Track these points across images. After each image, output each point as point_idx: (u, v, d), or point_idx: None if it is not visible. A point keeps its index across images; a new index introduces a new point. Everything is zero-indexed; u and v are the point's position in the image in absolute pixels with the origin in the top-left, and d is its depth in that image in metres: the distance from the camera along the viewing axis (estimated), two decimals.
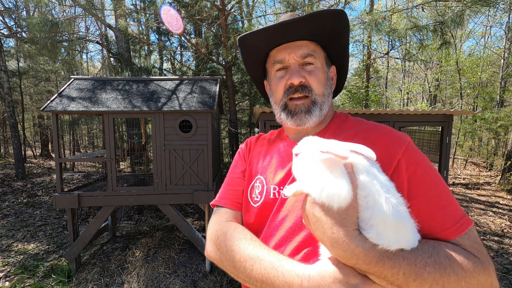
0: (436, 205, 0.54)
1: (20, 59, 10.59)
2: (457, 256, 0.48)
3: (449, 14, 3.93)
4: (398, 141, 0.61)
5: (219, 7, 4.93)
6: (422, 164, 0.59)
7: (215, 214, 0.78)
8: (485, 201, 6.59)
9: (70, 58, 7.50)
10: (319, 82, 0.68)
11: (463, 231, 0.52)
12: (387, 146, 0.60)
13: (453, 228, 0.52)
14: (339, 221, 0.47)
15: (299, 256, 0.61)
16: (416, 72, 15.35)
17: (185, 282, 3.41)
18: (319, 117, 0.69)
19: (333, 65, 0.77)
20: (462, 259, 0.48)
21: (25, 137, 10.73)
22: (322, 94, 0.69)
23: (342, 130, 0.69)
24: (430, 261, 0.47)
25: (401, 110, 3.29)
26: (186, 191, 3.52)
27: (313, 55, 0.69)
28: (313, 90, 0.68)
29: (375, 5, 10.46)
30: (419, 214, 0.52)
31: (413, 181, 0.56)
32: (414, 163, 0.58)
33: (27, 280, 3.43)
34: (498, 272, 3.63)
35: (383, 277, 0.46)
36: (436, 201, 0.55)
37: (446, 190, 0.56)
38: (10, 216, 5.50)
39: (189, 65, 8.44)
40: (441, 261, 0.47)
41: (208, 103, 3.54)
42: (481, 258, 0.50)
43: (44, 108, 3.31)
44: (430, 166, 0.59)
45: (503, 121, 8.42)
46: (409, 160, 0.59)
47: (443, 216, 0.53)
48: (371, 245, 0.46)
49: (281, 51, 0.70)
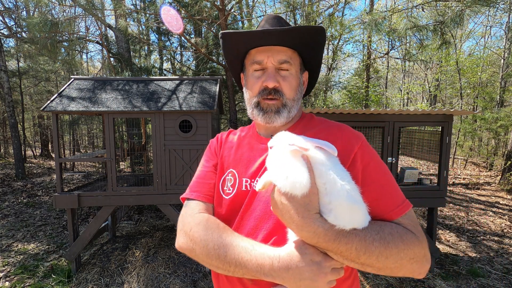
0: (384, 192, 0.65)
1: (20, 59, 10.59)
2: (398, 233, 0.58)
3: (449, 14, 3.93)
4: (355, 138, 0.71)
5: (219, 7, 4.93)
6: (374, 158, 0.69)
7: (186, 207, 0.81)
8: (485, 201, 6.59)
9: (70, 58, 7.49)
10: (291, 88, 0.75)
11: (404, 212, 0.63)
12: (346, 142, 0.70)
13: (396, 210, 0.63)
14: (303, 206, 0.54)
15: (269, 243, 0.66)
16: (416, 72, 15.35)
17: (185, 282, 3.41)
18: (286, 118, 0.76)
19: (306, 70, 0.84)
20: (402, 235, 0.58)
21: (25, 137, 10.73)
22: (292, 99, 0.76)
23: (308, 128, 0.77)
24: (377, 237, 0.56)
25: (401, 110, 3.29)
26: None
27: (289, 62, 0.74)
28: (284, 94, 0.74)
29: (375, 5, 10.45)
30: (370, 199, 0.61)
31: (367, 171, 0.66)
32: (367, 156, 0.68)
33: (27, 280, 3.43)
34: (498, 272, 3.63)
35: (339, 252, 0.55)
36: (384, 188, 0.65)
37: (392, 179, 0.68)
38: (10, 216, 5.50)
39: (189, 65, 8.44)
40: (385, 237, 0.56)
41: (208, 103, 3.55)
42: (417, 233, 0.60)
43: (44, 108, 3.31)
44: (380, 160, 0.70)
45: (503, 121, 8.42)
46: (364, 154, 0.68)
47: (389, 200, 0.64)
48: (329, 226, 0.54)
49: (261, 52, 0.75)
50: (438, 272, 3.59)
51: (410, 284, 3.32)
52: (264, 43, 0.74)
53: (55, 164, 3.42)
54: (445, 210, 6.00)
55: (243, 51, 0.79)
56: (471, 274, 3.55)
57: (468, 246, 4.42)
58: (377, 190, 0.64)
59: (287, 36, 0.71)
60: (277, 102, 0.74)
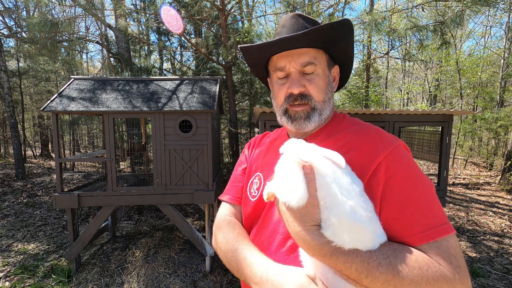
0: (407, 210, 0.54)
1: (20, 59, 10.59)
2: (416, 262, 0.49)
3: (449, 14, 3.93)
4: (383, 145, 0.61)
5: (219, 7, 4.93)
6: (403, 168, 0.58)
7: (220, 207, 0.88)
8: (485, 201, 6.59)
9: (70, 58, 7.49)
10: (319, 89, 0.70)
11: (432, 239, 0.52)
12: (370, 149, 0.62)
13: (420, 234, 0.52)
14: (299, 217, 0.53)
15: (285, 248, 0.65)
16: (416, 72, 15.35)
17: (185, 282, 3.41)
18: (318, 122, 0.71)
19: (336, 65, 0.77)
20: (422, 266, 0.49)
21: (25, 137, 10.73)
22: (322, 101, 0.71)
23: (334, 132, 0.72)
24: (385, 262, 0.49)
25: (401, 110, 3.29)
26: (186, 191, 3.52)
27: (313, 63, 0.69)
28: (312, 98, 0.70)
29: (375, 5, 10.45)
30: (388, 217, 0.55)
31: (389, 184, 0.57)
32: (394, 166, 0.58)
33: (27, 280, 3.43)
34: (498, 272, 3.63)
35: (339, 270, 0.52)
36: (408, 206, 0.55)
37: (426, 197, 0.56)
38: (10, 216, 5.49)
39: (189, 65, 8.44)
40: (396, 264, 0.49)
41: (208, 103, 3.54)
42: (448, 269, 0.50)
43: (44, 108, 3.31)
44: (414, 172, 0.58)
45: (503, 121, 8.42)
46: (390, 163, 0.58)
47: (412, 221, 0.54)
48: (326, 241, 0.51)
49: (282, 58, 0.71)
50: None
51: None
52: (283, 49, 0.70)
53: (55, 164, 3.42)
54: (445, 210, 6.00)
55: (264, 59, 0.77)
56: (471, 274, 3.56)
57: (468, 246, 4.42)
58: (398, 207, 0.55)
59: (305, 38, 0.66)
60: (305, 108, 0.70)
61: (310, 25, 0.70)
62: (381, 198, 0.56)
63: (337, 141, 0.66)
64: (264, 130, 3.57)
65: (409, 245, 0.53)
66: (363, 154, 0.61)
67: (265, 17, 10.85)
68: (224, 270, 3.84)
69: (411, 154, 0.64)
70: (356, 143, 0.64)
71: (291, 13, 0.74)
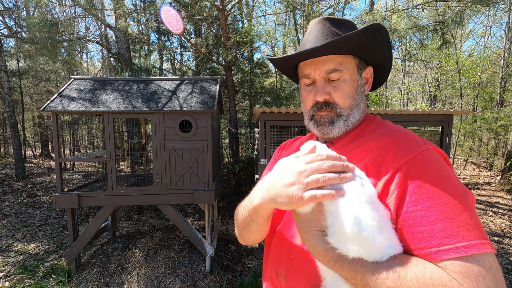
0: (422, 220, 0.49)
1: (20, 59, 10.59)
2: (430, 280, 0.44)
3: (449, 14, 3.93)
4: (406, 149, 0.57)
5: (219, 7, 4.93)
6: (427, 174, 0.53)
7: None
8: (485, 201, 6.59)
9: (70, 58, 7.49)
10: (344, 96, 0.69)
11: (455, 255, 0.45)
12: (390, 153, 0.58)
13: (440, 248, 0.46)
14: (306, 222, 0.55)
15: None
16: (416, 72, 15.35)
17: (185, 282, 3.41)
18: (343, 127, 0.70)
19: (369, 66, 0.76)
20: (437, 284, 0.43)
21: (25, 137, 10.73)
22: (348, 107, 0.70)
23: (359, 136, 0.70)
24: (393, 276, 0.46)
25: (401, 110, 3.29)
26: (186, 191, 3.52)
27: (339, 69, 0.68)
28: (338, 105, 0.69)
29: (375, 5, 10.44)
30: (402, 227, 0.51)
31: (408, 191, 0.52)
32: (416, 172, 0.53)
33: (27, 280, 3.43)
34: None
35: (345, 278, 0.51)
36: (424, 216, 0.49)
37: (452, 207, 0.48)
38: (10, 216, 5.50)
39: (189, 65, 8.44)
40: (406, 279, 0.45)
41: (208, 103, 3.54)
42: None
43: (44, 108, 3.31)
44: (440, 179, 0.52)
45: (503, 121, 8.42)
46: (412, 168, 0.54)
47: (428, 232, 0.48)
48: (330, 247, 0.51)
49: (307, 65, 0.71)
50: None
51: None
52: (307, 58, 0.71)
53: (55, 164, 3.42)
54: None
55: (291, 67, 0.79)
56: None
57: None
58: (416, 216, 0.49)
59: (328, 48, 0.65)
60: (330, 113, 0.70)
61: (339, 29, 0.69)
62: (397, 206, 0.52)
63: (358, 146, 0.65)
64: (264, 130, 3.57)
65: (427, 260, 0.47)
66: (381, 159, 0.58)
67: (265, 17, 10.85)
68: (224, 270, 3.84)
69: (447, 161, 0.59)
70: (376, 147, 0.62)
71: (320, 18, 0.73)
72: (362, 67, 0.73)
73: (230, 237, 4.93)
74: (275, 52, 10.96)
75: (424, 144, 0.58)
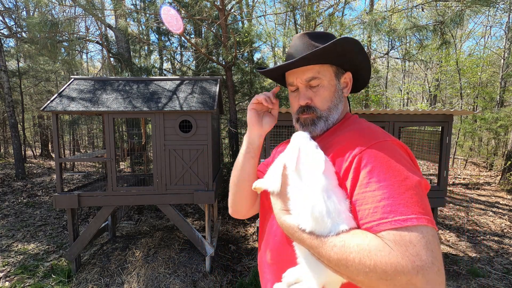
0: (368, 199, 0.57)
1: (20, 59, 10.59)
2: (368, 246, 0.52)
3: (449, 14, 3.93)
4: (363, 141, 0.66)
5: (219, 7, 4.93)
6: (377, 161, 0.60)
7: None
8: (485, 201, 6.59)
9: (70, 58, 7.49)
10: (323, 100, 0.80)
11: (392, 227, 0.52)
12: (351, 144, 0.67)
13: (380, 222, 0.54)
14: (276, 202, 0.72)
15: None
16: (416, 72, 15.34)
17: (185, 282, 3.41)
18: (324, 127, 0.81)
19: (347, 71, 0.84)
20: (373, 249, 0.51)
21: (25, 137, 10.73)
22: (327, 109, 0.80)
23: (335, 132, 0.81)
24: (339, 244, 0.55)
25: (401, 110, 3.29)
26: (186, 191, 3.52)
27: (317, 77, 0.79)
28: (317, 108, 0.80)
29: (375, 5, 10.45)
30: (353, 205, 0.60)
31: (359, 175, 0.61)
32: (369, 159, 0.61)
33: (27, 280, 3.43)
34: (498, 272, 3.63)
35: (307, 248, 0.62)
36: (370, 196, 0.57)
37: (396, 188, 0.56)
38: (10, 216, 5.50)
39: (189, 65, 8.44)
40: (350, 247, 0.53)
41: (208, 103, 3.54)
42: (402, 256, 0.49)
43: (44, 108, 3.31)
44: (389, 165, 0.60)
45: (503, 121, 8.42)
46: (365, 156, 0.62)
47: (373, 209, 0.56)
48: (293, 223, 0.64)
49: (291, 75, 0.83)
50: None
51: None
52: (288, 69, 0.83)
53: (55, 164, 3.42)
54: (445, 210, 5.99)
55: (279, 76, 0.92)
56: (471, 274, 3.55)
57: (468, 246, 4.42)
58: (363, 196, 0.58)
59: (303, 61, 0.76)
60: (311, 115, 0.81)
61: (316, 41, 0.79)
62: (352, 188, 0.62)
63: (334, 139, 0.76)
64: None
65: (370, 232, 0.55)
66: (343, 150, 0.68)
67: (265, 17, 10.85)
68: (224, 270, 3.84)
69: (404, 152, 0.65)
70: (341, 140, 0.72)
71: (300, 33, 0.83)
72: (340, 73, 0.83)
73: (230, 237, 4.93)
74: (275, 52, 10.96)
75: (382, 137, 0.66)
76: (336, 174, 0.66)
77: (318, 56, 0.75)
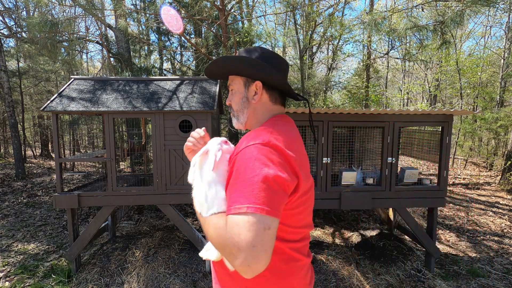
0: (230, 192, 0.77)
1: (20, 59, 10.59)
2: (218, 223, 0.75)
3: (449, 14, 3.93)
4: (244, 143, 0.85)
5: (219, 7, 4.93)
6: (240, 163, 0.78)
7: None
8: (485, 201, 6.59)
9: (70, 58, 7.49)
10: (235, 103, 1.03)
11: (231, 213, 0.71)
12: (238, 146, 0.88)
13: (229, 208, 0.73)
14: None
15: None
16: (416, 72, 15.34)
17: (185, 282, 3.41)
18: (238, 123, 1.04)
19: (256, 81, 0.98)
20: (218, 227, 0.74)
21: (25, 137, 10.72)
22: (237, 110, 1.02)
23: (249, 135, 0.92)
24: (208, 221, 0.78)
25: (401, 110, 3.29)
26: (186, 191, 3.52)
27: (231, 85, 1.03)
28: (233, 109, 1.04)
29: (375, 5, 10.45)
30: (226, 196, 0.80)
31: (231, 173, 0.81)
32: (237, 161, 0.80)
33: (27, 280, 3.43)
34: (498, 272, 3.63)
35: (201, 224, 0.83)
36: (231, 189, 0.76)
37: (242, 184, 0.73)
38: (10, 216, 5.50)
39: (189, 65, 8.44)
40: (211, 224, 0.76)
41: (208, 103, 3.55)
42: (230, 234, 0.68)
43: (44, 108, 3.31)
44: (245, 166, 0.76)
45: (503, 121, 8.42)
46: (235, 159, 0.81)
47: (229, 199, 0.75)
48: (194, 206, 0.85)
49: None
50: (438, 272, 3.59)
51: (410, 284, 3.32)
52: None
53: (55, 164, 3.42)
54: (445, 210, 6.00)
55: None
56: (471, 274, 3.56)
57: (468, 246, 4.42)
58: (228, 189, 0.79)
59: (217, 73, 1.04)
60: (231, 114, 1.07)
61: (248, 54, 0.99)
62: (227, 182, 0.81)
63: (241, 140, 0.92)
64: None
65: (227, 215, 0.73)
66: (235, 150, 0.87)
67: (265, 17, 10.85)
68: None
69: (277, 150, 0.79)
70: (243, 139, 0.89)
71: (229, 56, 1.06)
72: (248, 82, 0.99)
73: None
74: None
75: (254, 141, 0.81)
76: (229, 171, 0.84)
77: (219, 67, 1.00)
